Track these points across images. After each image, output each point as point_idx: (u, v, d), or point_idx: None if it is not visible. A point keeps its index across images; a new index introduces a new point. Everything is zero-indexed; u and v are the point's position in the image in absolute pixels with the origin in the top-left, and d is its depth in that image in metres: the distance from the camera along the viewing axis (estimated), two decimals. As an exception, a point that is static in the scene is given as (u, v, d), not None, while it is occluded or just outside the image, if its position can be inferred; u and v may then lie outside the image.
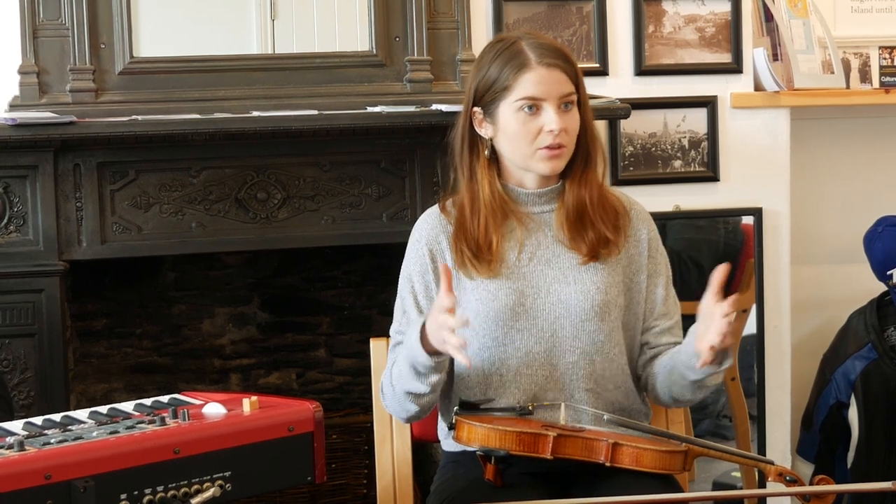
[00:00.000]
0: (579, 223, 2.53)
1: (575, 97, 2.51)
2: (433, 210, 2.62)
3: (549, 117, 2.47)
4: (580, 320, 2.50)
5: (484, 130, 2.54)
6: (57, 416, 2.42)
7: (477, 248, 2.51)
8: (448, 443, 2.62)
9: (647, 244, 2.58)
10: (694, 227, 3.72)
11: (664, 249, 2.62)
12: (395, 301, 2.61)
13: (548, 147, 2.48)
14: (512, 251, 2.53)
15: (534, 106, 2.47)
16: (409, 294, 2.56)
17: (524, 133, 2.48)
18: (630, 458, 2.37)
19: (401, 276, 2.60)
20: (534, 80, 2.47)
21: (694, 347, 2.38)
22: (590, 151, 2.55)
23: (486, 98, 2.51)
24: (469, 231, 2.52)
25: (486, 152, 2.54)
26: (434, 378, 2.42)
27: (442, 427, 2.65)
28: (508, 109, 2.49)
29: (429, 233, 2.57)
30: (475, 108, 2.54)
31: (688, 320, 3.67)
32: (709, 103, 3.69)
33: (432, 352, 2.36)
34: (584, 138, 2.54)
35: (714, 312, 2.33)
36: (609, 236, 2.53)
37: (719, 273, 2.36)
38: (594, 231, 2.52)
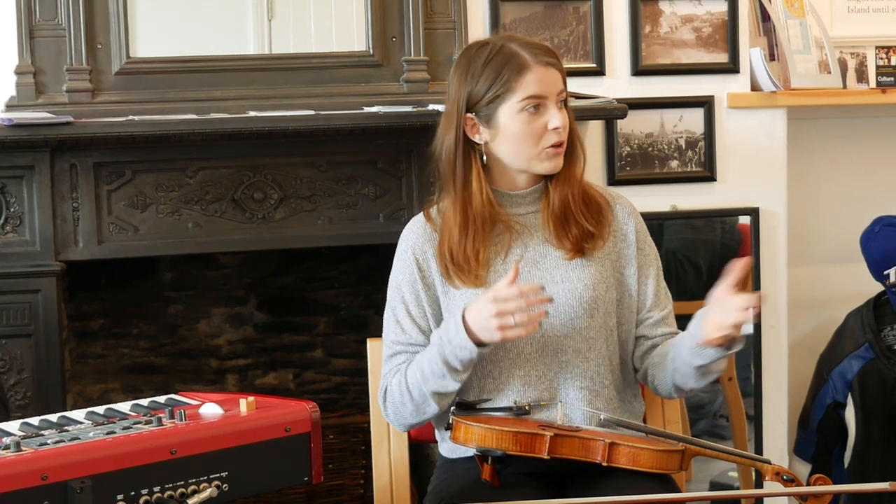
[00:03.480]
0: (563, 220, 2.54)
1: (565, 95, 2.53)
2: (418, 219, 2.61)
3: (553, 115, 2.48)
4: (569, 318, 2.51)
5: (479, 137, 2.53)
6: (53, 417, 2.41)
7: (464, 261, 2.51)
8: (445, 446, 2.61)
9: (634, 237, 2.59)
10: (691, 227, 3.72)
11: (653, 242, 2.63)
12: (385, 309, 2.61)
13: (553, 146, 2.49)
14: (499, 255, 2.54)
15: (538, 105, 2.48)
16: (401, 304, 2.56)
17: (529, 133, 2.48)
18: (627, 457, 2.37)
19: (390, 285, 2.60)
20: (535, 79, 2.47)
21: (703, 331, 2.39)
22: (574, 149, 2.57)
23: (482, 103, 2.49)
24: (455, 245, 2.51)
25: (482, 159, 2.54)
26: (466, 374, 2.45)
27: (439, 429, 2.65)
28: (510, 111, 2.48)
29: (415, 242, 2.57)
30: (468, 115, 2.52)
31: (684, 320, 3.69)
32: (705, 103, 3.69)
33: (479, 343, 2.38)
34: (569, 137, 2.56)
35: (733, 303, 2.34)
36: (592, 230, 2.54)
37: (740, 267, 2.37)
38: (577, 227, 2.53)
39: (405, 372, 2.50)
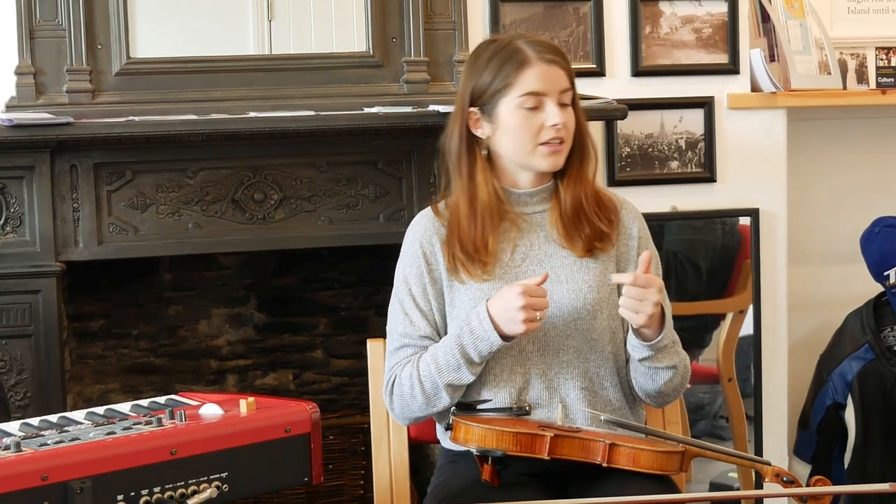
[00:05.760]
0: (576, 220, 2.55)
1: (571, 94, 2.53)
2: (426, 212, 2.63)
3: (552, 112, 2.49)
4: (572, 319, 2.51)
5: (481, 131, 2.55)
6: (53, 417, 2.41)
7: (474, 250, 2.52)
8: (447, 440, 2.61)
9: (637, 241, 2.60)
10: (691, 228, 3.72)
11: (654, 248, 2.63)
12: (390, 302, 2.61)
13: (549, 143, 2.49)
14: (505, 252, 2.54)
15: (537, 101, 2.49)
16: (408, 297, 2.56)
17: (526, 129, 2.49)
18: (627, 458, 2.38)
19: (396, 277, 2.60)
20: (535, 75, 2.49)
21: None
22: (584, 149, 2.58)
23: (484, 98, 2.52)
24: (465, 233, 2.53)
25: (483, 153, 2.55)
26: (481, 367, 2.48)
27: (441, 424, 2.65)
28: (509, 106, 2.50)
29: (422, 235, 2.58)
30: (471, 109, 2.54)
31: (685, 321, 3.69)
32: (705, 104, 3.69)
33: (503, 336, 2.42)
34: (579, 136, 2.56)
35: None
36: (604, 229, 2.55)
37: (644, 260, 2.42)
38: (590, 226, 2.54)
39: (416, 364, 2.50)
